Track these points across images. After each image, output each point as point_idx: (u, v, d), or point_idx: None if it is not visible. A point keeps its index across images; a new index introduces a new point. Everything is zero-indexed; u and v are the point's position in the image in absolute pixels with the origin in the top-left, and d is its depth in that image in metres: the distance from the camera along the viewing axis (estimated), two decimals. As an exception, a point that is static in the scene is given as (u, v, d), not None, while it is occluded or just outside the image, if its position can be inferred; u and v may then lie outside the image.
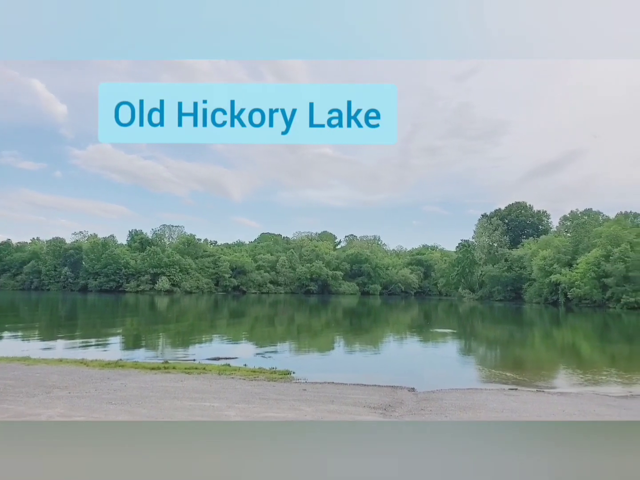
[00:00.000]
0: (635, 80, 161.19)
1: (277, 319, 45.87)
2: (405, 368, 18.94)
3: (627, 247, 66.67)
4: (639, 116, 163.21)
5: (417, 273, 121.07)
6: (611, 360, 22.89)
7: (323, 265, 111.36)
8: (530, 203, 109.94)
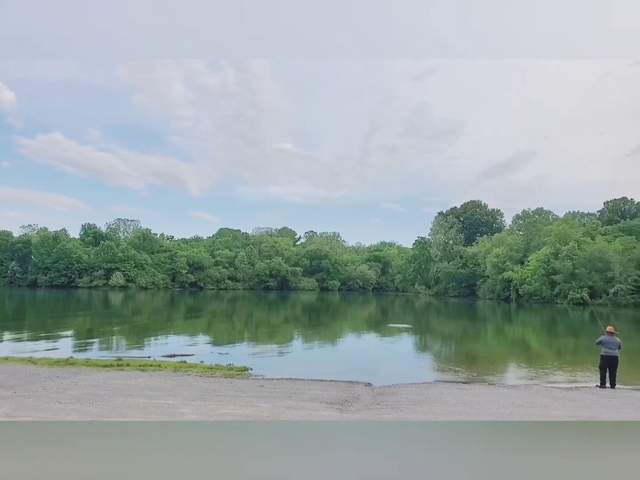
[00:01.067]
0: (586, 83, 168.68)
1: (235, 315, 45.41)
2: (362, 363, 19.16)
3: (575, 245, 69.97)
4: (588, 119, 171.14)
5: (375, 269, 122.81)
6: (558, 354, 23.96)
7: (283, 261, 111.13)
8: (484, 202, 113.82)
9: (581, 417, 9.72)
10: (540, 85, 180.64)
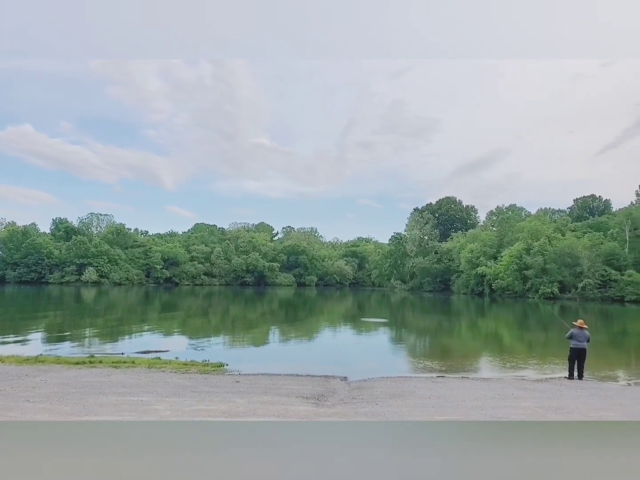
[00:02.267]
0: (557, 83, 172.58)
1: (211, 311, 45.04)
2: (339, 358, 19.26)
3: (546, 241, 71.69)
4: (559, 119, 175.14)
5: (351, 264, 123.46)
6: (529, 347, 24.54)
7: (260, 256, 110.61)
8: (459, 198, 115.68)
9: (550, 408, 9.99)
10: (514, 84, 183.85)
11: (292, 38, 4.65)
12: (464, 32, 4.34)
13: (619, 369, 17.84)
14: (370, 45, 4.51)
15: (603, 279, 66.09)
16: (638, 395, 12.00)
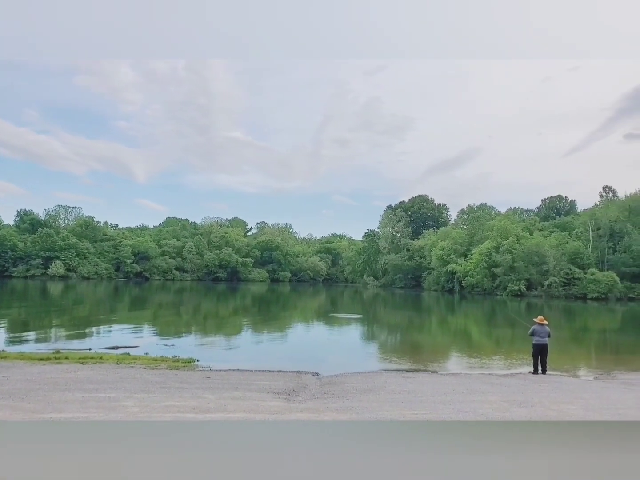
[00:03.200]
0: (527, 85, 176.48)
1: (182, 306, 44.49)
2: (311, 353, 19.34)
3: (514, 240, 73.41)
4: (528, 120, 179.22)
5: (325, 261, 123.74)
6: (496, 343, 25.14)
7: (233, 252, 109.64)
8: (431, 196, 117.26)
9: (515, 402, 10.28)
10: (486, 86, 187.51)
11: (269, 37, 4.64)
12: (438, 32, 4.41)
13: (581, 364, 18.48)
14: (346, 45, 4.53)
15: (567, 277, 68.11)
16: (598, 389, 12.45)
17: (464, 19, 4.35)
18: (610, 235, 71.43)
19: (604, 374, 15.61)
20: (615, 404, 10.36)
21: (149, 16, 4.61)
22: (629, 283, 66.77)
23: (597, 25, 4.28)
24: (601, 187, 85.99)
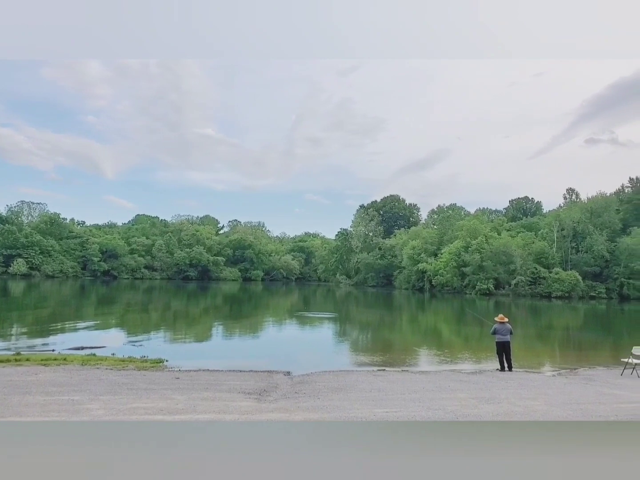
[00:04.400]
0: (495, 90, 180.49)
1: (151, 305, 43.67)
2: (283, 352, 19.26)
3: (483, 240, 74.93)
4: (496, 123, 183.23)
5: (298, 259, 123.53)
6: (465, 341, 25.59)
7: (204, 250, 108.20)
8: (403, 196, 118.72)
9: (482, 398, 10.48)
10: (455, 89, 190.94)
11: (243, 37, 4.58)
12: (409, 32, 4.43)
13: (546, 361, 19.00)
14: (318, 45, 4.51)
15: (533, 276, 69.96)
16: (561, 384, 12.81)
17: (434, 20, 4.39)
18: (573, 236, 73.74)
19: (567, 370, 16.08)
20: (577, 400, 10.68)
21: (120, 16, 4.49)
22: (591, 282, 69.10)
23: (561, 29, 4.38)
24: (565, 189, 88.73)
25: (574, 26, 4.30)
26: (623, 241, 69.01)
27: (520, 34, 4.45)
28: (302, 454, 3.79)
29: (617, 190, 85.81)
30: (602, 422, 7.74)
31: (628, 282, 67.43)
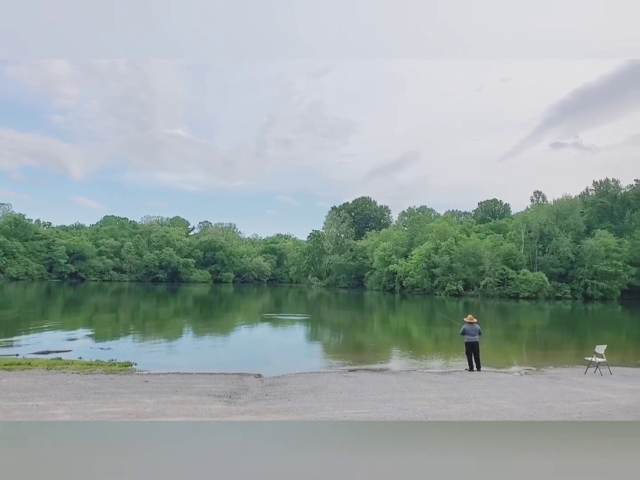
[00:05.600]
0: (464, 93, 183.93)
1: (120, 308, 42.75)
2: (254, 355, 19.16)
3: (452, 241, 76.24)
4: (464, 126, 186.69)
5: (270, 261, 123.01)
6: (435, 342, 25.98)
7: (174, 252, 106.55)
8: (374, 198, 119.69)
9: (451, 398, 10.67)
10: (425, 93, 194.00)
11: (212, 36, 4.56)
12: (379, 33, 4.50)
13: (513, 360, 19.46)
14: (288, 45, 4.53)
15: (502, 277, 71.58)
16: (527, 383, 13.16)
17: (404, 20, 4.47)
18: (540, 238, 75.79)
19: (534, 369, 16.51)
20: (543, 398, 10.99)
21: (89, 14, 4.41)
22: (557, 283, 71.13)
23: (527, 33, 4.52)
24: (532, 191, 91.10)
25: (537, 28, 4.45)
26: (587, 243, 71.31)
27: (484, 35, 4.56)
28: (272, 454, 3.80)
29: (582, 193, 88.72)
30: (603, 422, 7.90)
31: (592, 282, 69.70)
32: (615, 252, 69.64)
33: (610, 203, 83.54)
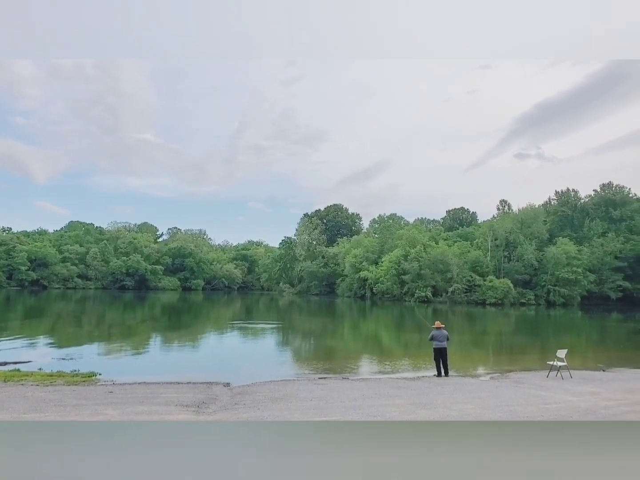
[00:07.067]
0: (432, 104, 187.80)
1: (84, 316, 41.52)
2: (223, 363, 18.91)
3: (421, 249, 77.38)
4: (433, 136, 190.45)
5: (241, 268, 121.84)
6: (405, 348, 26.22)
7: (142, 258, 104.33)
8: (345, 206, 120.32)
9: (419, 404, 10.79)
10: (394, 103, 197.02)
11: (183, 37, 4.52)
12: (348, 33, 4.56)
13: (480, 365, 19.83)
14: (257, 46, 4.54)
15: (469, 284, 72.99)
16: (493, 388, 13.42)
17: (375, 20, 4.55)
18: (506, 246, 77.72)
19: (499, 373, 16.85)
20: (507, 402, 11.23)
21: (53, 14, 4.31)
22: (521, 289, 72.97)
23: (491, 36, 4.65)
24: (498, 200, 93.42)
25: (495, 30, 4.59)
26: (550, 250, 73.53)
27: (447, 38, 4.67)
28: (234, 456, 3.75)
29: (545, 202, 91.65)
30: (603, 422, 8.02)
31: (554, 289, 71.80)
32: (576, 260, 72.08)
33: (571, 212, 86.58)
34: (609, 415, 10.04)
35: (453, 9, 4.56)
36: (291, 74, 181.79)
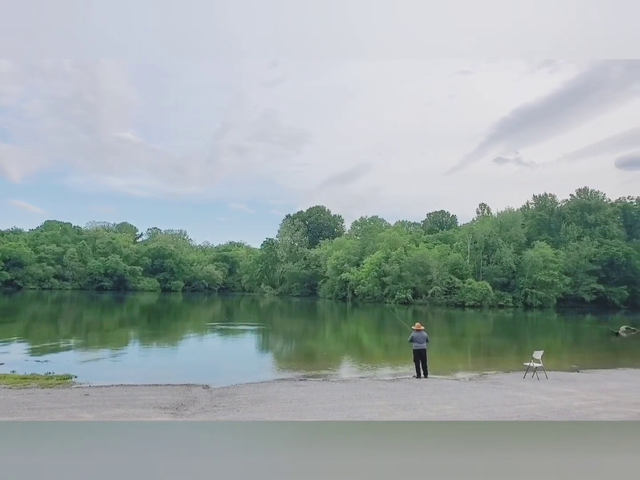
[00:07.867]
0: (413, 108, 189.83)
1: (60, 318, 40.72)
2: (203, 365, 18.75)
3: (402, 251, 77.97)
4: (414, 140, 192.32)
5: (222, 269, 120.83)
6: (385, 349, 26.37)
7: (120, 259, 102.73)
8: (328, 208, 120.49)
9: (399, 405, 10.86)
10: (375, 106, 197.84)
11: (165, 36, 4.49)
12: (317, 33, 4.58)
13: (459, 367, 20.05)
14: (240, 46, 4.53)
15: (449, 286, 73.73)
16: (471, 389, 13.59)
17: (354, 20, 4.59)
18: (485, 248, 78.78)
19: (477, 375, 17.06)
20: (485, 403, 11.38)
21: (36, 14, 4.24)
22: (500, 292, 74.00)
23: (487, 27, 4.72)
24: (477, 204, 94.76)
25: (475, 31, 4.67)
26: (527, 254, 74.75)
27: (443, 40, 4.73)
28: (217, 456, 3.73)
29: (523, 206, 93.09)
30: (603, 422, 8.11)
31: (531, 291, 73.03)
32: (552, 263, 73.44)
33: (548, 216, 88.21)
34: (582, 415, 10.26)
35: (434, 11, 4.62)
36: (274, 75, 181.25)
